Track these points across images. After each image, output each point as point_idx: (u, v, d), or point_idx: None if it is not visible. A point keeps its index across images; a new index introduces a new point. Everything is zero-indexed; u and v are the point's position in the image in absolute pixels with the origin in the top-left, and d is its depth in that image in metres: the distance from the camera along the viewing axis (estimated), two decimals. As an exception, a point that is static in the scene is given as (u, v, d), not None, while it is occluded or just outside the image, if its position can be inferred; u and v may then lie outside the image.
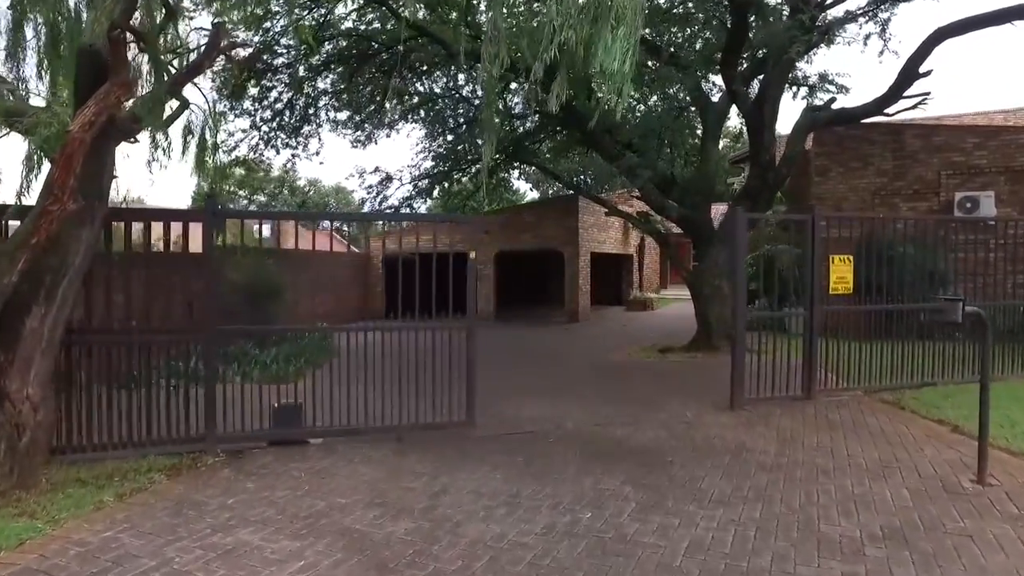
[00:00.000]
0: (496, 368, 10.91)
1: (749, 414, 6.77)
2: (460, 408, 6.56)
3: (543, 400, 8.00)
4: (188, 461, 5.44)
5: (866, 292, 7.75)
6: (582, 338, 15.67)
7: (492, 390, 8.75)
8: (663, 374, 9.76)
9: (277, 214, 8.55)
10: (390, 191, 16.59)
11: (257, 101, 14.09)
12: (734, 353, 7.04)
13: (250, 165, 14.75)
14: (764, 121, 10.64)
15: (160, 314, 5.87)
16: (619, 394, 8.25)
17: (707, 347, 11.85)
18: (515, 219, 20.82)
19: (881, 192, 14.54)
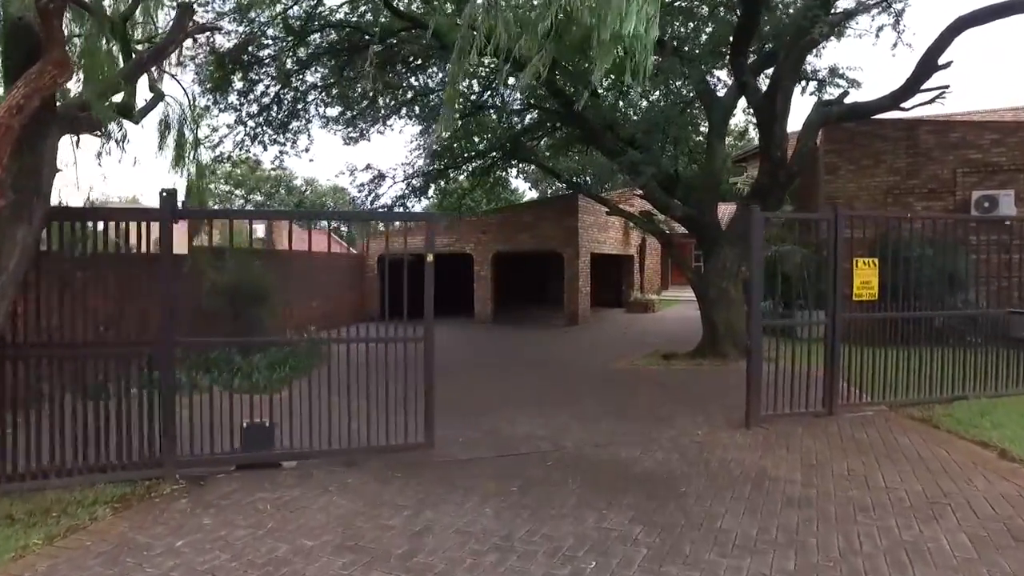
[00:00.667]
0: (491, 375, 10.34)
1: (767, 432, 6.17)
2: (419, 428, 5.91)
3: (540, 413, 7.40)
4: (141, 490, 4.83)
5: (885, 297, 7.15)
6: (582, 342, 15.07)
7: (485, 401, 8.19)
8: (668, 384, 9.16)
9: (239, 213, 7.95)
10: (382, 189, 15.97)
11: (242, 95, 13.47)
12: (749, 364, 6.44)
13: (235, 162, 14.10)
14: (776, 114, 10.03)
15: (113, 323, 5.26)
16: (622, 407, 7.65)
17: (713, 353, 11.26)
18: (513, 219, 20.22)
19: (894, 191, 13.96)
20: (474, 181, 18.38)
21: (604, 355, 12.61)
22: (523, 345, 14.93)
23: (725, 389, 8.54)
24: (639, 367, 10.95)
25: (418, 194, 16.99)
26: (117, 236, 5.01)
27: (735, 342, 11.34)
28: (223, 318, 12.09)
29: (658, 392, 8.59)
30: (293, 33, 12.72)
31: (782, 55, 9.91)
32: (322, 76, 14.23)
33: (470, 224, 20.20)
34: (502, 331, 17.87)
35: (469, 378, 10.24)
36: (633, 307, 23.39)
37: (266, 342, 8.39)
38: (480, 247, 20.15)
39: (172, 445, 5.10)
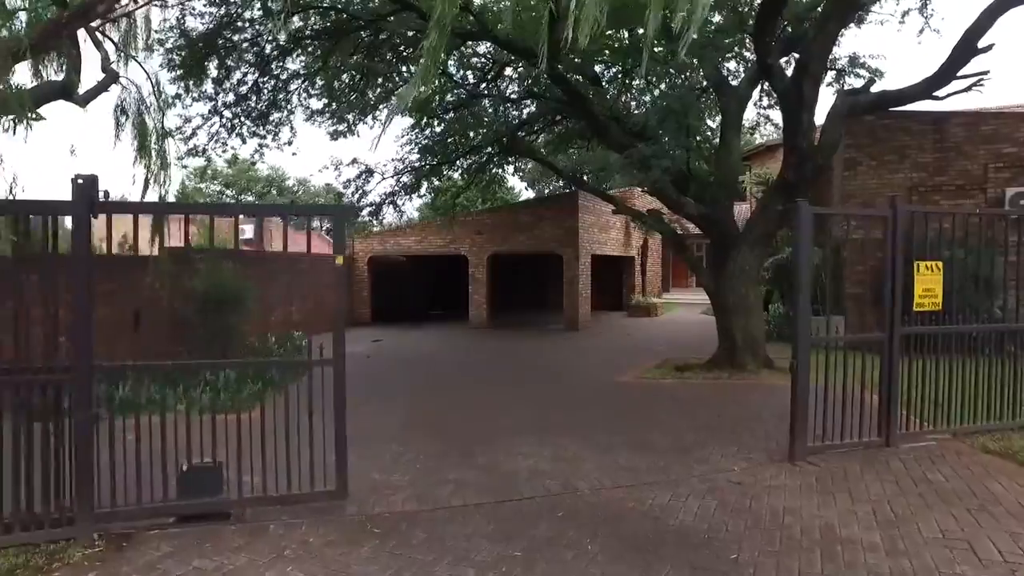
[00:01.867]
0: (486, 391, 9.31)
1: (818, 471, 5.16)
2: (330, 474, 4.81)
3: (544, 441, 6.38)
4: (40, 560, 3.79)
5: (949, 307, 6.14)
6: (584, 350, 14.07)
7: (480, 424, 7.16)
8: (687, 402, 8.15)
9: (160, 206, 6.80)
10: (370, 186, 14.94)
11: (218, 83, 12.41)
12: (795, 386, 5.44)
13: (209, 156, 13.06)
14: (803, 101, 9.05)
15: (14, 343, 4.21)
16: (639, 433, 6.63)
17: (731, 365, 10.27)
18: (510, 219, 19.23)
19: (919, 188, 13.01)
20: (469, 179, 17.36)
21: (609, 365, 11.60)
22: (521, 353, 13.92)
23: (754, 410, 7.55)
24: (650, 380, 9.94)
25: (409, 191, 15.99)
26: (16, 234, 3.96)
27: (755, 353, 10.37)
28: (192, 326, 11.05)
29: (677, 413, 7.58)
30: (272, 16, 11.69)
31: (811, 34, 8.94)
32: (304, 64, 13.19)
33: (465, 224, 19.19)
34: (498, 337, 16.85)
35: (462, 394, 9.22)
36: (635, 311, 22.42)
37: (204, 365, 7.30)
38: (475, 248, 19.14)
39: (88, 495, 4.06)
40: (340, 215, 4.90)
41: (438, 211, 24.72)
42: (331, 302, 18.04)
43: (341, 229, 4.68)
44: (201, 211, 4.13)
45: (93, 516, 4.08)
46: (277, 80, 13.06)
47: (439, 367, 11.94)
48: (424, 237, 19.94)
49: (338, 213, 4.97)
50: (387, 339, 16.37)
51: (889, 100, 10.64)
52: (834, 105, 10.24)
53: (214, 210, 4.89)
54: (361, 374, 11.26)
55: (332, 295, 17.71)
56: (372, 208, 15.96)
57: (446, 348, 14.83)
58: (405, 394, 9.25)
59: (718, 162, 11.28)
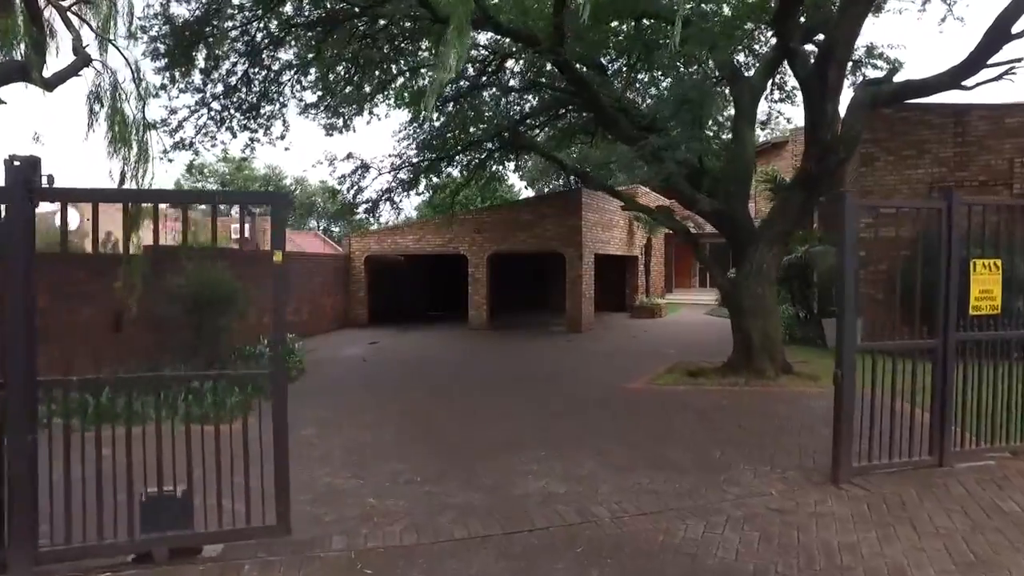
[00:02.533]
0: (488, 398, 8.71)
1: (869, 496, 4.56)
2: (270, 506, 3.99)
3: (555, 456, 5.79)
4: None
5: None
6: (588, 354, 13.47)
7: (484, 436, 6.56)
8: (705, 412, 7.55)
9: (92, 192, 5.90)
10: (366, 182, 14.34)
11: (206, 73, 11.80)
12: (839, 400, 4.85)
13: (197, 150, 12.43)
14: (827, 89, 8.47)
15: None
16: (658, 447, 6.04)
17: (748, 370, 9.68)
18: (510, 217, 18.63)
19: (940, 184, 12.42)
20: (468, 175, 16.76)
21: (617, 370, 11.02)
22: (523, 356, 13.32)
23: (779, 420, 6.96)
24: (663, 387, 9.35)
25: (407, 188, 15.41)
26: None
27: (772, 357, 9.79)
28: (179, 329, 10.45)
29: (696, 424, 6.99)
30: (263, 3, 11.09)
31: (836, 16, 8.35)
32: (297, 54, 12.58)
33: (464, 223, 18.60)
34: (499, 339, 16.25)
35: (463, 401, 8.62)
36: (639, 312, 21.83)
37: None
38: (475, 247, 18.54)
39: (27, 534, 3.45)
40: (276, 203, 4.00)
41: (437, 209, 24.13)
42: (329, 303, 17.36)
43: (280, 220, 3.87)
44: (132, 199, 3.63)
45: (34, 557, 3.48)
46: (268, 71, 12.46)
47: (438, 371, 11.35)
48: (422, 236, 19.34)
49: (274, 201, 4.09)
50: (384, 341, 15.77)
51: (913, 90, 10.04)
52: (855, 96, 9.67)
53: (137, 197, 3.92)
54: (357, 379, 10.67)
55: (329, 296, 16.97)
56: (368, 205, 15.39)
57: (445, 351, 14.23)
58: (403, 401, 8.65)
59: (732, 156, 10.70)
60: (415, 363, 12.29)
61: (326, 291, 18.53)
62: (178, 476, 3.80)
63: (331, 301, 18.84)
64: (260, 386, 9.19)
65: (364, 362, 12.64)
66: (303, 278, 17.15)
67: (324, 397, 9.02)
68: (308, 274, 17.52)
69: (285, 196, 3.64)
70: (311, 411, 8.09)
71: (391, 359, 12.83)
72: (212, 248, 10.52)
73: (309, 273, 17.60)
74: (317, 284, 17.99)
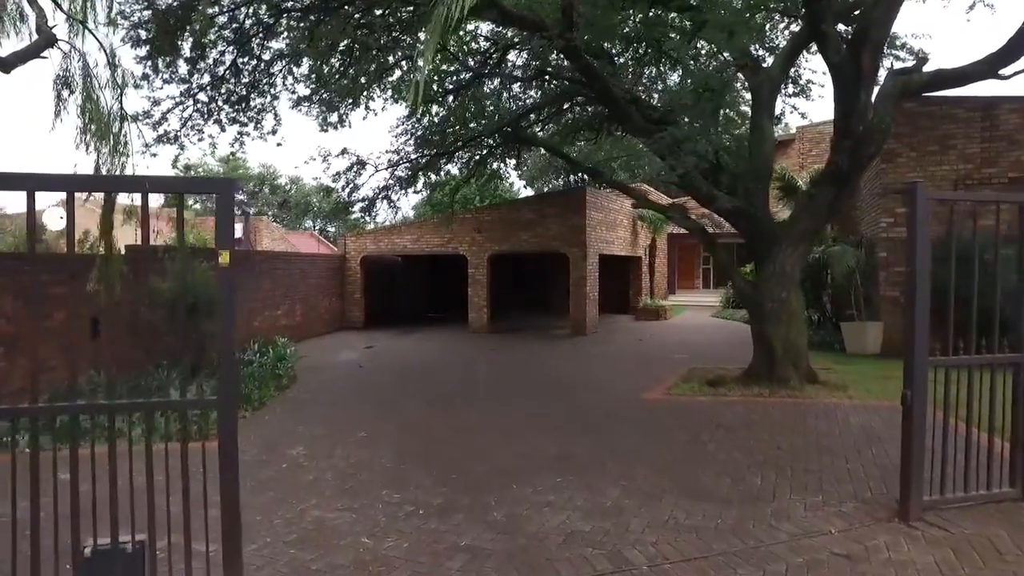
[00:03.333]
0: (493, 410, 8.00)
1: (950, 537, 3.91)
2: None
3: (575, 484, 5.13)
4: None
5: None
6: (595, 358, 12.82)
7: (491, 457, 5.87)
8: (734, 427, 6.90)
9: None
10: (362, 179, 13.66)
11: (191, 63, 11.10)
12: (908, 425, 4.20)
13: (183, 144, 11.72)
14: (861, 76, 7.83)
15: None
16: (689, 471, 5.39)
17: (770, 379, 9.05)
18: (512, 216, 17.97)
19: (966, 181, 11.86)
20: (469, 172, 16.08)
21: (628, 377, 10.38)
22: (527, 362, 12.66)
23: (818, 438, 6.31)
24: (681, 397, 8.70)
25: (404, 186, 14.74)
26: None
27: (797, 365, 9.15)
28: (161, 334, 9.78)
29: (726, 442, 6.34)
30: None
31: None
32: (288, 43, 11.87)
33: (463, 222, 17.93)
34: (500, 343, 15.59)
35: (465, 414, 7.95)
36: (643, 314, 21.20)
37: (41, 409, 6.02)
38: (475, 248, 17.88)
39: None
40: (220, 191, 3.13)
41: (435, 208, 23.47)
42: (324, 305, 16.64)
43: (227, 211, 3.08)
44: (35, 186, 3.05)
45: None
46: (258, 60, 11.76)
47: (438, 379, 10.68)
48: (420, 236, 18.67)
49: (217, 189, 3.16)
50: (381, 345, 15.10)
51: (946, 80, 9.40)
52: (883, 86, 9.04)
53: (41, 183, 2.83)
54: (352, 387, 10.00)
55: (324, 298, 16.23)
56: (364, 204, 14.72)
57: (445, 355, 13.57)
58: (401, 414, 7.99)
59: (751, 150, 10.05)
60: (414, 370, 11.63)
61: (321, 293, 17.85)
62: (130, 519, 3.12)
63: (326, 303, 18.17)
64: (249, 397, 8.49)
65: (360, 368, 11.98)
66: (296, 279, 16.48)
67: (316, 409, 8.36)
68: (302, 275, 16.85)
69: (230, 183, 2.91)
70: (302, 426, 7.43)
71: (388, 365, 12.16)
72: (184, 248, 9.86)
73: (303, 274, 16.92)
74: (311, 285, 17.31)
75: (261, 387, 9.38)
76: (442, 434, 6.96)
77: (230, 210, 3.03)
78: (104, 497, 2.96)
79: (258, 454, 6.30)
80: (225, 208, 3.01)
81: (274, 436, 7.01)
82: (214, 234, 3.02)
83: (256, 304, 14.42)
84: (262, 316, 14.63)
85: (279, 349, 12.07)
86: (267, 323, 14.74)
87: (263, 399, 8.91)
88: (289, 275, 16.13)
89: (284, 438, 6.91)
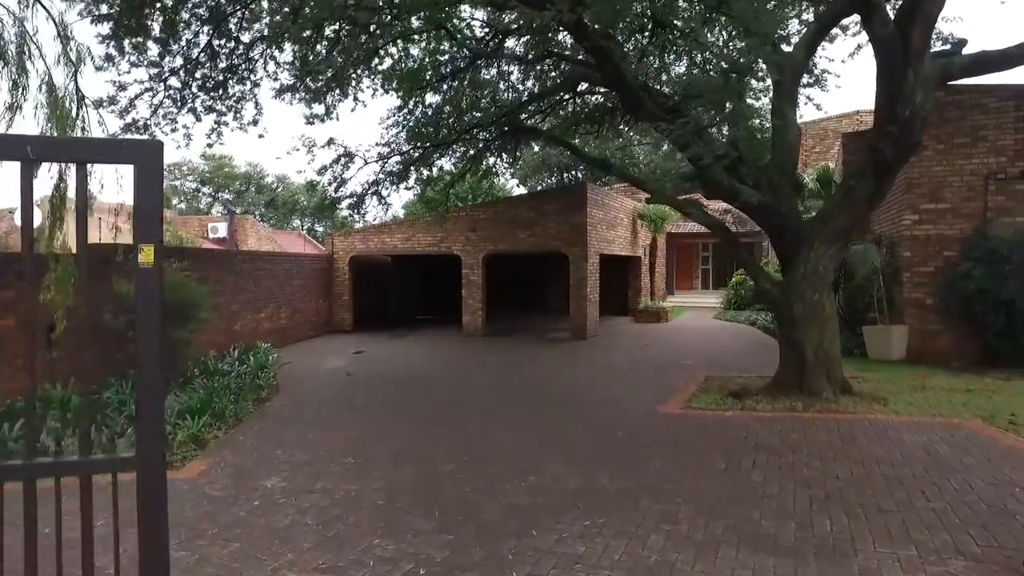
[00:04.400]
0: (496, 428, 6.86)
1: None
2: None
3: (599, 527, 4.24)
4: None
5: None
6: (600, 365, 11.94)
7: (500, 489, 4.80)
8: (779, 451, 6.03)
9: None
10: (350, 173, 12.71)
11: (162, 43, 10.12)
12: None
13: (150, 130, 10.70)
14: (910, 54, 7.02)
15: None
16: (742, 512, 4.52)
17: (801, 390, 8.25)
18: (508, 214, 17.06)
19: (998, 176, 11.10)
20: (464, 167, 15.15)
21: (640, 386, 9.51)
22: (527, 369, 11.77)
23: (879, 465, 5.45)
24: (704, 412, 7.83)
25: (395, 181, 13.80)
26: None
27: (831, 375, 8.32)
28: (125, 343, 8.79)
29: (774, 470, 5.46)
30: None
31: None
32: (268, 25, 10.91)
33: (457, 220, 17.02)
34: (497, 347, 14.70)
35: (466, 434, 7.00)
36: (643, 316, 20.38)
37: None
38: (469, 247, 16.96)
39: None
40: (141, 158, 2.17)
41: (428, 205, 22.53)
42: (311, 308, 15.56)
43: (150, 185, 2.13)
44: None
45: None
46: (237, 42, 10.79)
47: (433, 391, 9.76)
48: (412, 235, 17.72)
49: (136, 154, 2.19)
50: (371, 350, 14.16)
51: (989, 63, 8.61)
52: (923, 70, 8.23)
53: None
54: (339, 400, 9.05)
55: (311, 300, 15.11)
56: (353, 200, 13.77)
57: (439, 363, 12.65)
58: (393, 434, 7.07)
59: (774, 140, 9.21)
60: (406, 379, 10.69)
61: (307, 294, 16.87)
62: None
63: (313, 305, 17.19)
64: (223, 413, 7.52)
65: (348, 376, 11.04)
66: (281, 280, 15.50)
67: (298, 428, 7.42)
68: (286, 276, 15.87)
69: (155, 145, 1.92)
70: (280, 449, 6.50)
71: (379, 373, 11.22)
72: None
73: (288, 275, 15.94)
74: (297, 287, 16.33)
75: (238, 400, 8.43)
76: (442, 460, 6.05)
77: (155, 184, 2.11)
78: None
79: (227, 487, 5.37)
80: (147, 182, 2.09)
81: (248, 462, 6.08)
82: (132, 221, 2.10)
83: (237, 307, 13.45)
84: (243, 320, 13.65)
85: (260, 356, 11.12)
86: (249, 327, 13.77)
87: (239, 415, 7.97)
88: (273, 276, 15.16)
89: (259, 465, 5.98)
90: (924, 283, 11.43)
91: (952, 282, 10.84)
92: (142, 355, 2.12)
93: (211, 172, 53.48)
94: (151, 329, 2.12)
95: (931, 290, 11.29)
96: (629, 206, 20.82)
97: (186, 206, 51.25)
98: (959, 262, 10.87)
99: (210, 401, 7.85)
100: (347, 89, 12.20)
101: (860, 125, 20.92)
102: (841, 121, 22.95)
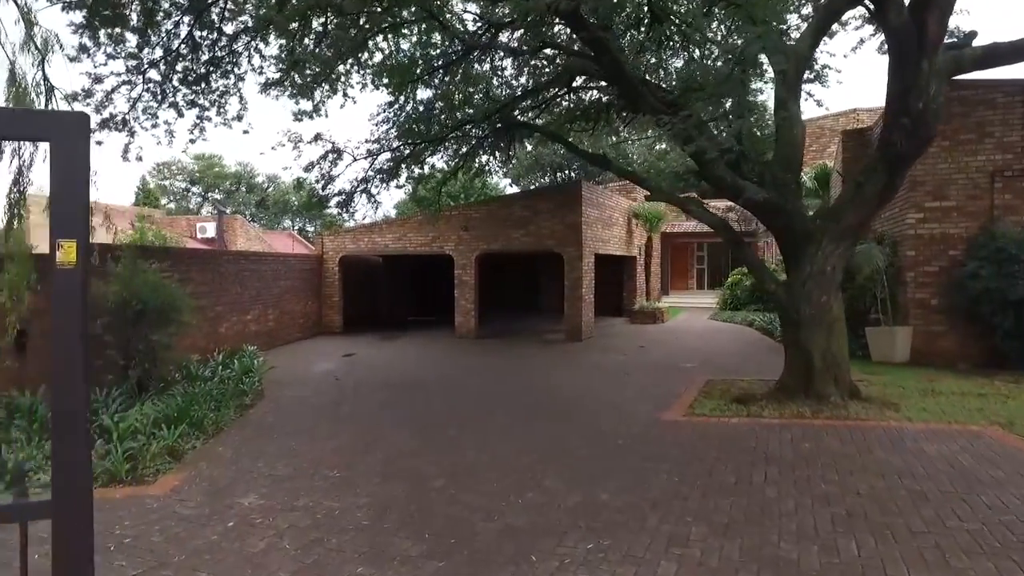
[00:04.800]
0: (492, 438, 6.38)
1: None
2: None
3: (605, 551, 3.88)
4: None
5: None
6: (597, 368, 11.58)
7: (497, 508, 4.19)
8: (792, 463, 5.67)
9: None
10: (339, 170, 12.30)
11: (140, 33, 9.68)
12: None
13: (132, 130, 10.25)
14: (925, 44, 6.69)
15: None
16: (761, 533, 4.15)
17: (808, 394, 7.92)
18: (502, 213, 16.67)
19: (1005, 173, 10.81)
20: (456, 164, 14.76)
21: (639, 391, 9.16)
22: (522, 373, 11.39)
23: (900, 477, 5.10)
24: (708, 419, 7.47)
25: (386, 178, 13.40)
26: None
27: (839, 379, 7.99)
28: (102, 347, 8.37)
29: (788, 485, 5.10)
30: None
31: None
32: (253, 16, 10.48)
33: (450, 220, 16.62)
34: (490, 349, 14.32)
35: (459, 445, 6.59)
36: (638, 317, 20.05)
37: None
38: (462, 247, 16.57)
39: None
40: (58, 133, 1.67)
41: (420, 204, 22.13)
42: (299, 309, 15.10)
43: (70, 167, 1.67)
44: None
45: None
46: (220, 33, 10.36)
47: (424, 395, 9.36)
48: (403, 234, 17.31)
49: (52, 128, 1.71)
50: (361, 352, 13.75)
51: (1001, 55, 8.29)
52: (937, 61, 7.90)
53: None
54: (327, 407, 8.63)
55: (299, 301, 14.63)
56: (342, 197, 13.36)
57: (431, 366, 12.25)
58: (381, 444, 6.67)
59: (778, 135, 8.88)
60: (397, 383, 10.29)
61: (296, 295, 16.44)
62: None
63: (301, 307, 16.76)
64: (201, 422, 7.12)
65: (336, 381, 10.63)
66: (268, 281, 15.06)
67: (281, 437, 7.01)
68: (274, 276, 15.43)
69: (77, 118, 1.49)
70: (261, 461, 6.10)
71: (369, 378, 10.81)
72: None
73: (275, 275, 15.51)
74: (285, 288, 15.90)
75: (219, 408, 8.01)
76: (432, 474, 5.66)
77: (78, 165, 1.71)
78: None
79: (200, 504, 4.97)
80: (66, 162, 1.69)
81: (225, 476, 5.68)
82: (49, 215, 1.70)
83: (222, 309, 13.01)
84: (229, 322, 13.21)
85: (246, 360, 10.68)
86: (235, 330, 13.33)
87: (220, 423, 7.55)
88: (260, 277, 14.72)
89: (237, 480, 5.58)
90: (928, 283, 11.13)
91: (958, 282, 10.55)
92: (57, 375, 1.72)
93: (201, 171, 52.90)
94: (72, 342, 1.72)
95: (936, 290, 11.00)
96: (624, 205, 20.49)
97: (176, 206, 50.63)
98: (965, 261, 10.59)
99: (188, 409, 7.43)
100: (336, 84, 11.81)
101: (857, 124, 20.65)
102: (838, 119, 22.69)
